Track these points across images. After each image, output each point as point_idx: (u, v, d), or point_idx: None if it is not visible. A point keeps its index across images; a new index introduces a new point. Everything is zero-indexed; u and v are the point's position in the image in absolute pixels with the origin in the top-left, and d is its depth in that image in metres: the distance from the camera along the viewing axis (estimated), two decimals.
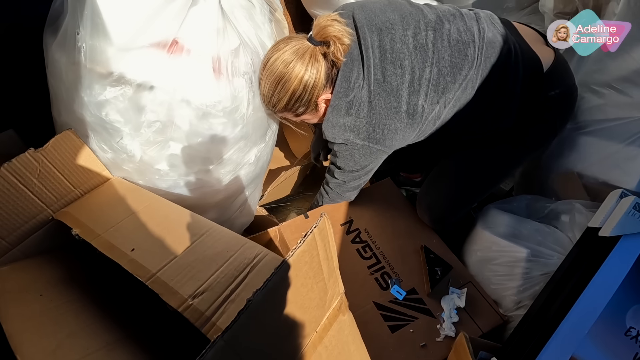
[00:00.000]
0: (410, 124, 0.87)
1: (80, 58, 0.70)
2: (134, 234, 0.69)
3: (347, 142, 0.90)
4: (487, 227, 0.99)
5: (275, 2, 0.98)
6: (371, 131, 0.87)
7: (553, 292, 0.79)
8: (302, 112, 0.89)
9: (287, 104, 0.86)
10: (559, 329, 0.69)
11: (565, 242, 0.88)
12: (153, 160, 0.81)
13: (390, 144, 0.90)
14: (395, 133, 0.87)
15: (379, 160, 0.95)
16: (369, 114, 0.85)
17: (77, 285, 0.72)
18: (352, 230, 1.06)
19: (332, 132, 0.90)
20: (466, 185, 1.05)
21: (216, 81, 0.77)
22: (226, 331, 0.44)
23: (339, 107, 0.86)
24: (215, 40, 0.76)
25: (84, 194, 0.80)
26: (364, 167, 0.95)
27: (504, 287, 0.93)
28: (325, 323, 0.62)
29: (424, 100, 0.85)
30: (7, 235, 0.70)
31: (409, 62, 0.83)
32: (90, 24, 0.68)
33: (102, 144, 0.79)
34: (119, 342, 0.64)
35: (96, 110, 0.74)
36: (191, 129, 0.79)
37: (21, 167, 0.70)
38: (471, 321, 0.91)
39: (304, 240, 0.53)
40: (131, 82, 0.72)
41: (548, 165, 1.10)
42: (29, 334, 0.58)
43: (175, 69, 0.73)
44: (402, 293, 0.94)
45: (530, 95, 0.89)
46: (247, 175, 0.97)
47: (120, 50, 0.69)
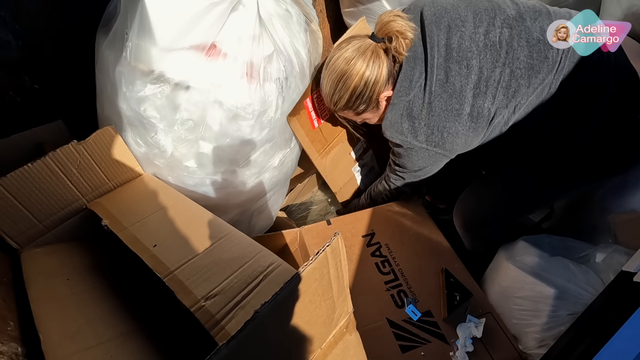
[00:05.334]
0: (473, 128, 0.82)
1: (127, 56, 0.75)
2: (158, 230, 0.72)
3: (405, 143, 0.87)
4: (514, 260, 0.94)
5: (311, 13, 0.99)
6: (429, 134, 0.83)
7: (578, 335, 0.75)
8: (363, 109, 0.88)
9: (349, 102, 0.86)
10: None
11: (597, 284, 0.83)
12: (183, 157, 0.84)
13: (451, 147, 0.85)
14: (456, 137, 0.83)
15: (440, 163, 0.91)
16: (427, 115, 0.82)
17: (99, 274, 0.75)
18: (373, 243, 1.05)
19: (391, 132, 0.87)
20: (510, 198, 0.99)
21: (248, 85, 0.80)
22: (231, 340, 0.45)
23: (398, 107, 0.84)
24: (250, 46, 0.78)
25: (117, 187, 0.85)
26: (422, 169, 0.92)
27: (527, 323, 0.88)
28: (331, 341, 0.62)
29: (491, 103, 0.79)
30: (44, 219, 0.75)
31: (476, 62, 0.78)
32: (137, 25, 0.72)
33: (137, 138, 0.83)
34: (132, 333, 0.67)
35: (136, 105, 0.78)
36: (221, 129, 0.81)
37: (64, 157, 0.75)
38: (486, 353, 0.88)
39: (316, 257, 0.53)
40: (170, 80, 0.76)
41: (604, 202, 1.01)
42: (52, 315, 0.62)
43: (211, 71, 0.76)
44: (417, 314, 0.92)
45: (617, 113, 0.80)
46: (271, 180, 0.99)
47: (162, 50, 0.73)
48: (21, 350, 0.57)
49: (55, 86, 0.97)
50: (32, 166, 0.71)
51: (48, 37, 0.91)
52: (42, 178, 0.73)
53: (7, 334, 0.58)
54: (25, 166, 0.70)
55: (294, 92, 0.90)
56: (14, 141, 0.90)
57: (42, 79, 0.96)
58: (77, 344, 0.59)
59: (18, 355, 0.56)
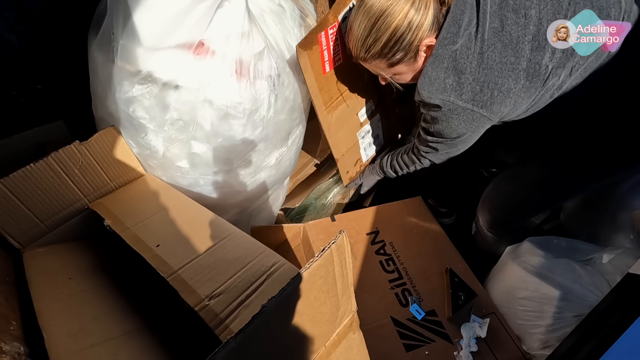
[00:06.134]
0: (526, 88, 0.73)
1: (114, 57, 0.74)
2: (161, 230, 0.72)
3: (445, 103, 0.76)
4: (520, 260, 0.94)
5: (307, 8, 0.97)
6: (478, 91, 0.73)
7: (583, 337, 0.74)
8: (399, 60, 0.77)
9: (385, 47, 0.75)
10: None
11: (603, 286, 0.83)
12: (175, 157, 0.84)
13: (499, 110, 0.75)
14: (507, 96, 0.73)
15: (481, 130, 0.81)
16: (478, 68, 0.72)
17: (102, 274, 0.75)
18: (378, 241, 1.05)
19: (429, 90, 0.76)
20: (544, 187, 0.94)
21: (237, 83, 0.78)
22: (239, 333, 0.45)
23: (442, 58, 0.73)
24: (239, 43, 0.77)
25: (118, 187, 0.85)
26: (461, 136, 0.81)
27: (532, 323, 0.88)
28: (335, 339, 0.61)
29: (549, 59, 0.71)
30: (46, 219, 0.75)
31: (535, 12, 0.70)
32: (122, 24, 0.72)
33: (129, 139, 0.83)
34: (136, 331, 0.66)
35: (124, 106, 0.77)
36: (212, 129, 0.80)
37: (66, 157, 0.75)
38: (490, 354, 0.87)
39: (322, 254, 0.52)
40: (157, 80, 0.74)
41: (626, 198, 1.00)
42: (56, 314, 0.62)
43: (199, 69, 0.75)
44: (421, 313, 0.91)
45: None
46: (268, 179, 0.98)
47: (148, 50, 0.72)
48: (24, 350, 0.57)
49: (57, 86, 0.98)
50: (35, 166, 0.71)
51: (50, 38, 0.92)
52: (44, 178, 0.73)
53: (9, 333, 0.58)
54: (28, 166, 0.70)
55: (287, 89, 0.88)
56: (15, 141, 0.91)
57: (45, 79, 0.96)
58: (80, 341, 0.58)
59: (21, 355, 0.56)
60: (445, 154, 0.90)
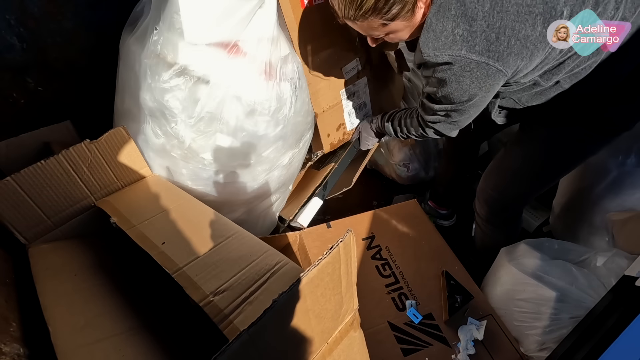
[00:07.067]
0: (542, 36, 0.64)
1: (155, 48, 0.79)
2: (166, 228, 0.73)
3: (456, 59, 0.65)
4: (516, 262, 0.95)
5: None
6: (493, 39, 0.62)
7: (580, 338, 0.75)
8: (395, 15, 0.67)
9: (379, 0, 0.65)
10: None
11: (599, 287, 0.84)
12: (200, 149, 0.87)
13: (515, 63, 0.65)
14: (524, 46, 0.64)
15: (494, 89, 0.71)
16: (492, 11, 0.61)
17: (106, 272, 0.76)
18: (373, 246, 1.06)
19: (435, 46, 0.66)
20: (547, 159, 0.89)
21: (266, 82, 0.84)
22: (252, 326, 0.46)
23: (448, 5, 0.63)
24: (269, 46, 0.83)
25: (124, 186, 0.86)
26: (472, 98, 0.71)
27: (529, 325, 0.89)
28: (337, 336, 0.62)
29: (564, 4, 0.62)
30: (53, 215, 0.76)
31: None
32: (168, 19, 0.77)
33: (157, 128, 0.87)
34: (139, 328, 0.67)
35: (160, 96, 0.82)
36: (237, 123, 0.85)
37: (76, 156, 0.77)
38: (488, 356, 0.88)
39: (330, 252, 0.54)
40: (192, 74, 0.80)
41: (601, 200, 1.01)
42: (61, 309, 0.63)
43: (232, 68, 0.80)
44: (418, 316, 0.92)
45: None
46: (279, 178, 1.02)
47: (189, 44, 0.77)
48: (23, 351, 0.58)
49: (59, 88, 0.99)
50: (45, 163, 0.72)
51: (52, 40, 0.93)
52: (54, 175, 0.74)
53: (9, 334, 0.58)
54: (38, 163, 0.72)
55: (304, 93, 0.94)
56: (22, 140, 0.92)
57: (46, 81, 0.97)
58: (86, 337, 0.59)
59: (20, 356, 0.57)
60: (453, 123, 0.81)
